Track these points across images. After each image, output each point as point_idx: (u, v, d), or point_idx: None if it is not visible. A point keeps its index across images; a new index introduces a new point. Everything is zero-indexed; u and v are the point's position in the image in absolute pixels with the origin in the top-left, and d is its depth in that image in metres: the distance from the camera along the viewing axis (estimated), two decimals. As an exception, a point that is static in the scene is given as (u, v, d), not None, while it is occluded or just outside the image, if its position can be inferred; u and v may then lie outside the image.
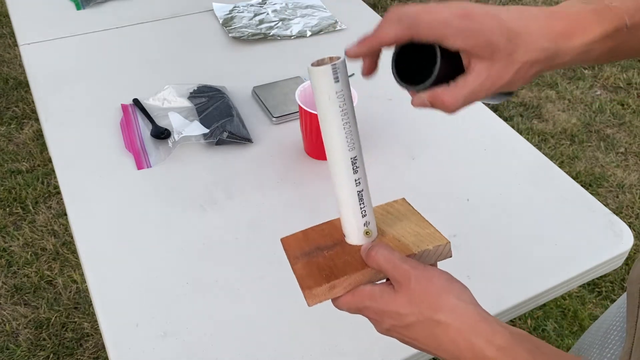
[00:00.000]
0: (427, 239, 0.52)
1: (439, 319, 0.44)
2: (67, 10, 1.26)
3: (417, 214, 0.56)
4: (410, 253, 0.50)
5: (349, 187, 0.51)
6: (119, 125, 0.98)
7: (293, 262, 0.53)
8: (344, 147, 0.49)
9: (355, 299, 0.49)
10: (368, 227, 0.52)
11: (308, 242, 0.55)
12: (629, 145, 2.30)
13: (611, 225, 0.87)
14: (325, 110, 0.48)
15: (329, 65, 0.46)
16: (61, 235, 1.80)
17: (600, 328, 0.68)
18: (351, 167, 0.50)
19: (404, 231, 0.54)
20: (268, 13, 1.29)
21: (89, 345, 1.54)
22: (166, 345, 0.68)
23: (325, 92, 0.47)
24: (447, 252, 0.52)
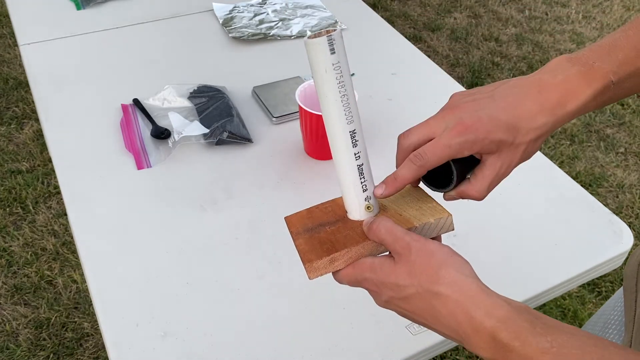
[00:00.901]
0: (428, 212, 0.52)
1: (438, 291, 0.44)
2: (67, 10, 1.26)
3: (419, 189, 0.56)
4: (412, 226, 0.50)
5: (348, 161, 0.50)
6: (119, 125, 0.98)
7: (295, 238, 0.53)
8: (342, 120, 0.48)
9: (355, 270, 0.49)
10: (369, 202, 0.52)
11: (311, 219, 0.55)
12: (629, 145, 2.30)
13: (611, 225, 0.87)
14: (322, 83, 0.47)
15: (325, 36, 0.46)
16: (61, 235, 1.80)
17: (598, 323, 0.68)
18: (350, 140, 0.49)
19: (406, 205, 0.54)
20: (268, 13, 1.29)
21: (89, 345, 1.54)
22: (166, 345, 0.69)
23: (321, 64, 0.46)
24: (448, 225, 0.52)
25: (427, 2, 3.16)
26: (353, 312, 0.73)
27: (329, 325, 0.72)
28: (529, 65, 2.73)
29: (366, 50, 1.20)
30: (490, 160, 0.51)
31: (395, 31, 1.28)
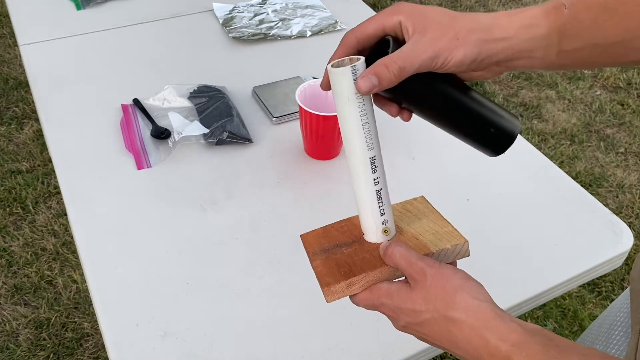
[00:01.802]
0: (445, 237, 0.53)
1: (454, 317, 0.45)
2: (67, 10, 1.26)
3: (435, 212, 0.57)
4: (429, 252, 0.51)
5: (367, 186, 0.51)
6: (119, 125, 0.98)
7: (312, 259, 0.54)
8: (363, 147, 0.49)
9: (373, 296, 0.50)
10: (386, 226, 0.53)
11: (327, 239, 0.55)
12: (628, 145, 2.30)
13: (611, 225, 0.87)
14: (345, 111, 0.48)
15: (349, 66, 0.46)
16: (61, 235, 1.80)
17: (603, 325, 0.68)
18: (370, 166, 0.50)
19: (422, 229, 0.54)
20: (268, 13, 1.29)
21: (89, 345, 1.54)
22: (166, 345, 0.69)
23: (345, 93, 0.47)
24: (465, 251, 0.53)
25: (426, 2, 3.16)
26: (353, 312, 0.73)
27: (329, 325, 0.72)
28: (529, 65, 2.72)
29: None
30: (414, 38, 0.48)
31: (395, 31, 1.28)
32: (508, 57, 0.49)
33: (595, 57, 0.49)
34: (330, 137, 0.90)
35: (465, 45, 0.47)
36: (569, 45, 0.48)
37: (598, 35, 0.48)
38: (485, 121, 0.52)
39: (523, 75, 2.66)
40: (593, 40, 0.48)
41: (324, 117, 0.86)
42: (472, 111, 0.52)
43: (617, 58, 0.49)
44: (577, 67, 0.51)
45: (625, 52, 0.48)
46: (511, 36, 0.48)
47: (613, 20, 0.47)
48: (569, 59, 0.49)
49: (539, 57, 0.49)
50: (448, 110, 0.52)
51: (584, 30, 0.48)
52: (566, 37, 0.48)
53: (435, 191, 0.91)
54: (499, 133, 0.53)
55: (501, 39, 0.48)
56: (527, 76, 2.65)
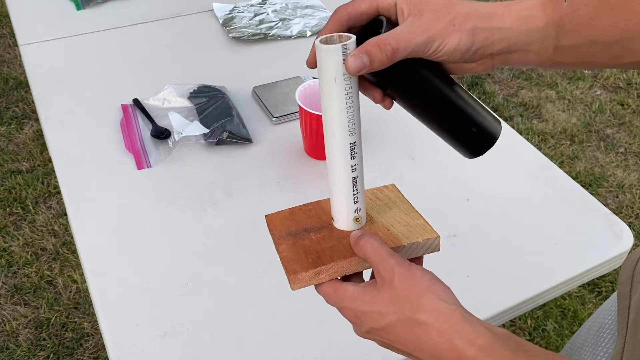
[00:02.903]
0: (417, 230, 0.51)
1: (420, 319, 0.43)
2: (67, 10, 1.26)
3: (407, 202, 0.55)
4: (400, 244, 0.50)
5: (344, 172, 0.49)
6: (119, 125, 0.98)
7: (277, 242, 0.52)
8: (345, 131, 0.47)
9: (338, 296, 0.48)
10: (358, 214, 0.51)
11: (294, 222, 0.54)
12: (628, 145, 2.30)
13: (611, 225, 0.87)
14: (330, 91, 0.46)
15: (339, 44, 0.44)
16: (61, 235, 1.80)
17: (592, 327, 0.68)
18: (349, 152, 0.49)
19: (393, 220, 0.53)
20: (268, 13, 1.29)
21: (89, 345, 1.54)
22: (166, 345, 0.69)
23: (332, 72, 0.45)
24: (435, 246, 0.52)
25: None
26: (353, 312, 0.73)
27: (329, 325, 0.72)
28: (529, 65, 2.72)
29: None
30: (408, 20, 0.46)
31: (395, 31, 1.28)
32: (503, 49, 0.47)
33: (593, 56, 0.48)
34: (330, 137, 0.90)
35: (461, 32, 0.46)
36: (567, 41, 0.47)
37: (596, 33, 0.47)
38: (468, 119, 0.51)
39: (523, 76, 2.66)
40: (591, 37, 0.47)
41: (324, 117, 0.86)
42: (457, 106, 0.50)
43: (614, 59, 0.48)
44: (574, 65, 0.50)
45: (623, 52, 0.47)
46: (508, 26, 0.47)
47: (612, 17, 0.46)
48: (565, 56, 0.48)
49: (534, 52, 0.48)
50: (433, 102, 0.50)
51: (582, 26, 0.47)
52: (564, 33, 0.47)
53: (435, 191, 0.91)
54: (480, 133, 0.52)
55: (497, 28, 0.46)
56: (527, 76, 2.65)
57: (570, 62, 0.49)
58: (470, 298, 0.75)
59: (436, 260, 0.80)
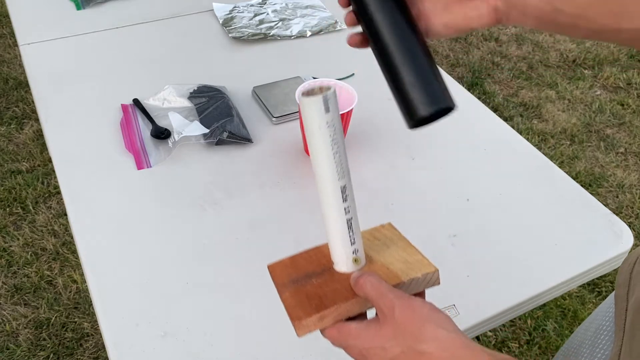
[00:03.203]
0: (415, 266, 0.52)
1: (422, 349, 0.44)
2: (67, 10, 1.26)
3: (404, 239, 0.56)
4: (400, 281, 0.50)
5: (338, 215, 0.51)
6: (119, 125, 0.98)
7: (281, 291, 0.53)
8: (334, 176, 0.49)
9: (341, 336, 0.49)
10: (357, 255, 0.52)
11: (296, 269, 0.55)
12: (628, 145, 2.30)
13: (611, 225, 0.87)
14: (316, 140, 0.48)
15: (320, 96, 0.47)
16: (61, 235, 1.80)
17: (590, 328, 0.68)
18: (340, 195, 0.50)
19: (392, 258, 0.53)
20: (268, 13, 1.29)
21: (89, 345, 1.54)
22: (166, 345, 0.69)
23: (316, 122, 0.47)
24: (435, 280, 0.52)
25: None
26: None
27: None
28: (529, 65, 2.73)
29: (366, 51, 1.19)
30: None
31: (395, 31, 1.28)
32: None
33: (591, 7, 0.47)
34: (330, 137, 0.90)
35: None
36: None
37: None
38: (420, 71, 0.50)
39: (523, 76, 2.66)
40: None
41: (324, 117, 0.86)
42: (414, 54, 0.50)
43: (613, 18, 0.47)
44: (574, 20, 0.48)
45: (621, 10, 0.46)
46: None
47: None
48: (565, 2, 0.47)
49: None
50: (385, 36, 0.51)
51: None
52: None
53: (435, 191, 0.91)
54: (424, 92, 0.50)
55: None
56: (527, 76, 2.66)
57: (570, 13, 0.48)
58: (470, 298, 0.76)
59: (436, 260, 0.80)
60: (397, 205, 0.88)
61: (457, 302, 0.74)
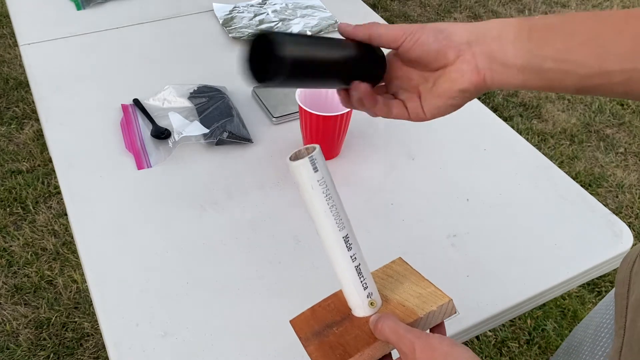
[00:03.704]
0: (430, 299, 0.53)
1: None
2: (67, 10, 1.26)
3: (415, 273, 0.57)
4: (417, 317, 0.51)
5: (346, 265, 0.52)
6: (119, 125, 0.98)
7: (306, 344, 0.54)
8: (335, 229, 0.51)
9: None
10: (372, 298, 0.53)
11: (316, 320, 0.56)
12: (628, 145, 2.30)
13: (611, 225, 0.87)
14: (311, 199, 0.50)
15: (307, 158, 0.49)
16: (61, 235, 1.80)
17: (589, 326, 0.68)
18: (345, 245, 0.52)
19: (406, 294, 0.54)
20: (268, 13, 1.29)
21: (89, 345, 1.54)
22: (166, 345, 0.69)
23: (307, 182, 0.49)
24: (451, 309, 0.53)
25: (427, 2, 3.16)
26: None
27: (329, 325, 0.72)
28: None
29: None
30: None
31: (395, 31, 1.28)
32: (477, 37, 0.50)
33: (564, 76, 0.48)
34: (331, 137, 0.90)
35: (426, 29, 0.52)
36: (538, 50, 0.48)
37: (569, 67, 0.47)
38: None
39: (523, 75, 2.65)
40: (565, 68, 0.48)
41: (324, 117, 0.86)
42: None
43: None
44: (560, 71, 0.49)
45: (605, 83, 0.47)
46: (475, 27, 0.51)
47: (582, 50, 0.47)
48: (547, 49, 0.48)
49: (511, 39, 0.49)
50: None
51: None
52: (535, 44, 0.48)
53: (435, 191, 0.91)
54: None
55: (466, 24, 0.51)
56: (527, 76, 2.65)
57: (553, 57, 0.48)
58: (470, 298, 0.76)
59: (437, 260, 0.80)
60: (397, 205, 0.88)
61: (457, 302, 0.74)
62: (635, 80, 0.46)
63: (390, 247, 0.81)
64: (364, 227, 0.83)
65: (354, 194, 0.89)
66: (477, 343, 1.61)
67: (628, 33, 0.45)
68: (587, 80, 0.47)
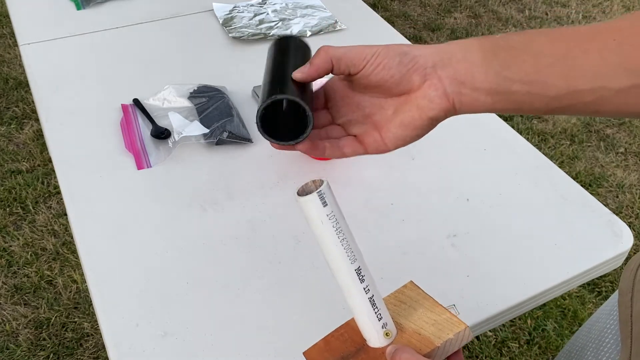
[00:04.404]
0: (446, 326, 0.52)
1: None
2: (67, 10, 1.26)
3: (429, 298, 0.56)
4: (434, 347, 0.50)
5: (360, 297, 0.51)
6: (119, 125, 0.98)
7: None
8: (346, 261, 0.50)
9: None
10: (387, 329, 0.53)
11: (331, 352, 0.55)
12: (628, 145, 2.30)
13: (611, 225, 0.87)
14: (321, 233, 0.49)
15: (315, 193, 0.48)
16: (61, 235, 1.80)
17: (592, 330, 0.68)
18: (357, 278, 0.51)
19: (421, 322, 0.54)
20: (268, 13, 1.29)
21: (89, 345, 1.54)
22: (166, 345, 0.69)
23: (316, 217, 0.49)
24: (467, 336, 0.52)
25: (427, 2, 3.16)
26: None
27: (329, 326, 0.71)
28: (529, 65, 2.72)
29: (366, 50, 1.20)
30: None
31: (395, 31, 1.28)
32: (442, 60, 0.48)
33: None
34: (330, 137, 0.90)
35: (389, 51, 0.49)
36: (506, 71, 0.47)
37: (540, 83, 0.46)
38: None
39: (523, 75, 2.65)
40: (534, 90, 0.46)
41: (324, 117, 0.86)
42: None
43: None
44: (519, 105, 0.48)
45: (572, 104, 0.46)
46: (462, 61, 0.48)
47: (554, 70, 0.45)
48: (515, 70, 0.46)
49: (478, 61, 0.47)
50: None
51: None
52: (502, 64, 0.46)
53: (435, 191, 0.91)
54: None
55: (429, 46, 0.48)
56: (527, 76, 2.65)
57: (521, 80, 0.47)
58: (470, 298, 0.76)
59: (436, 260, 0.80)
60: (397, 205, 0.88)
61: (457, 302, 0.74)
62: (605, 98, 0.45)
63: (390, 247, 0.81)
64: (364, 227, 0.83)
65: (353, 194, 0.89)
66: (477, 343, 1.61)
67: (595, 50, 0.44)
68: (556, 101, 0.46)
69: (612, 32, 0.44)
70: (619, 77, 0.44)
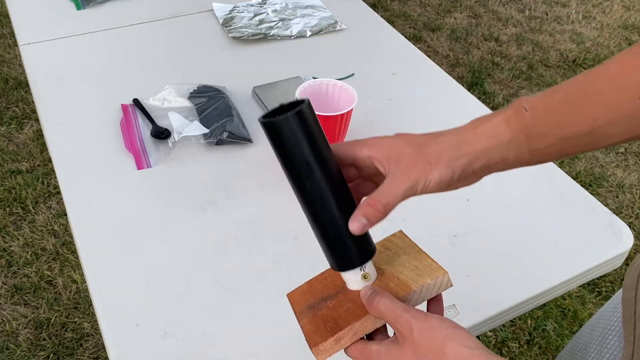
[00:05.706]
0: (425, 272, 0.52)
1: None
2: (67, 10, 1.26)
3: (414, 246, 0.56)
4: (410, 290, 0.50)
5: None
6: (119, 125, 0.98)
7: (299, 318, 0.54)
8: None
9: (364, 357, 0.49)
10: (365, 271, 0.52)
11: (312, 294, 0.55)
12: (629, 145, 2.30)
13: (611, 225, 0.87)
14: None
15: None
16: (61, 235, 1.80)
17: (596, 328, 0.68)
18: None
19: (402, 267, 0.53)
20: (268, 13, 1.29)
21: (89, 345, 1.54)
22: (166, 345, 0.69)
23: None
24: (446, 282, 0.52)
25: (427, 2, 3.16)
26: (353, 312, 0.73)
27: (329, 325, 0.72)
28: (529, 65, 2.73)
29: (366, 50, 1.20)
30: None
31: (395, 31, 1.28)
32: (483, 166, 0.50)
33: (570, 149, 0.50)
34: (330, 137, 0.90)
35: (439, 167, 0.49)
36: (539, 143, 0.49)
37: (566, 131, 0.48)
38: (336, 239, 0.50)
39: (523, 76, 2.66)
40: (561, 135, 0.48)
41: (324, 117, 0.86)
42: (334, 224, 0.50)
43: (593, 145, 0.50)
44: (556, 158, 0.51)
45: (598, 139, 0.48)
46: (480, 149, 0.49)
47: (576, 113, 0.48)
48: (543, 154, 0.50)
49: (512, 159, 0.50)
50: (314, 209, 0.52)
51: (550, 128, 0.49)
52: (534, 137, 0.49)
53: (435, 191, 0.91)
54: (341, 256, 0.51)
55: (470, 152, 0.49)
56: (527, 76, 2.66)
57: (551, 157, 0.51)
58: (471, 298, 0.76)
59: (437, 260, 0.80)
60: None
61: (457, 302, 0.74)
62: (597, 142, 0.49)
63: (390, 247, 0.81)
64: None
65: (354, 194, 0.89)
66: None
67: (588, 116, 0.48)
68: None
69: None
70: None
